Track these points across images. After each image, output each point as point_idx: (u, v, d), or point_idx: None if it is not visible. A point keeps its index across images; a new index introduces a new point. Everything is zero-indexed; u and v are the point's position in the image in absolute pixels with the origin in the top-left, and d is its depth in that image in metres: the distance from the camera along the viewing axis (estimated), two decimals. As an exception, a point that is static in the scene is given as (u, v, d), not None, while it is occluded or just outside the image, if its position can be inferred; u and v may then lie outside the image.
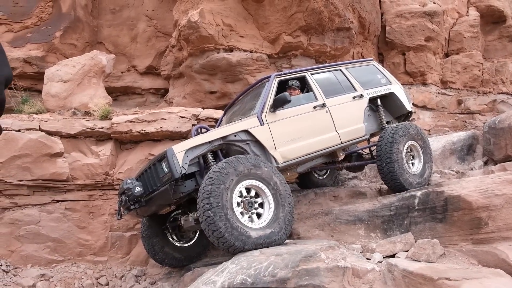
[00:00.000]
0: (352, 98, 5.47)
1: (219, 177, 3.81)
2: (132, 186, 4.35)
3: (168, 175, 4.12)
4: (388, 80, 6.00)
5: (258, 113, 4.65)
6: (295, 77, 5.38)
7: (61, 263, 5.72)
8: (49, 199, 5.82)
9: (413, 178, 5.26)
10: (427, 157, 5.63)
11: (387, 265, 3.73)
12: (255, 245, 3.87)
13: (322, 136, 5.00)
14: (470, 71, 11.22)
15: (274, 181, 4.16)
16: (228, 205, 3.81)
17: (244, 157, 4.10)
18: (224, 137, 4.44)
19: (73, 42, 8.96)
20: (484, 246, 3.91)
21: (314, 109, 5.05)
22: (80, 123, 6.16)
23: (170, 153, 4.11)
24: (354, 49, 9.46)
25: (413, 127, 5.55)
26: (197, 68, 7.98)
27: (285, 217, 4.14)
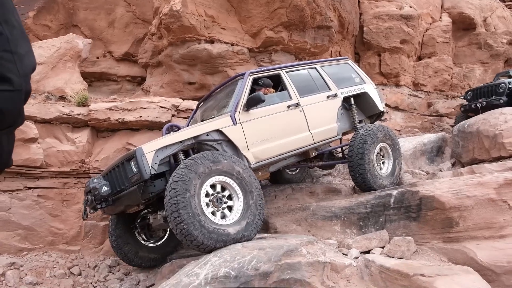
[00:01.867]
0: (326, 98, 5.46)
1: (182, 186, 3.69)
2: (98, 185, 4.21)
3: (137, 175, 3.99)
4: (362, 79, 6.04)
5: (232, 112, 4.56)
6: (270, 74, 5.27)
7: (31, 252, 5.56)
8: (21, 186, 5.64)
9: (382, 179, 5.36)
10: (396, 156, 5.73)
11: (364, 261, 3.87)
12: (235, 240, 3.90)
13: (295, 136, 4.98)
14: (441, 75, 11.64)
15: (237, 171, 4.08)
16: (199, 211, 3.73)
17: (201, 156, 3.95)
18: (196, 136, 4.35)
19: (47, 23, 8.65)
20: (454, 244, 4.11)
21: (288, 109, 5.01)
22: (56, 108, 5.98)
23: (140, 153, 3.97)
24: (333, 48, 9.61)
25: (384, 129, 5.62)
26: (177, 58, 7.90)
27: (256, 203, 4.14)
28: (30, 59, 0.90)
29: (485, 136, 6.42)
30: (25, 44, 0.88)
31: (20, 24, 0.87)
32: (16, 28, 0.85)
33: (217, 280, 3.35)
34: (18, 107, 0.87)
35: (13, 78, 0.82)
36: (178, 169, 3.82)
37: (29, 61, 0.89)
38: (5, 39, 0.80)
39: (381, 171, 5.51)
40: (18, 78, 0.83)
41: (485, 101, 8.84)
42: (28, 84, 0.89)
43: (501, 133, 6.19)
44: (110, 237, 5.07)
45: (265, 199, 5.93)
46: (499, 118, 6.48)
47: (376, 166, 5.39)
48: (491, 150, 6.29)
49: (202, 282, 3.37)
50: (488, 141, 6.35)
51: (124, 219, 5.07)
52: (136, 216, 5.16)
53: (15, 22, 0.85)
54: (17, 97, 0.84)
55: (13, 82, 0.82)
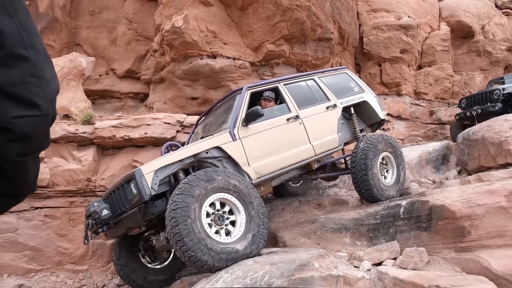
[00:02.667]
0: (326, 108, 5.40)
1: (181, 213, 3.60)
2: (99, 209, 4.16)
3: (137, 197, 3.93)
4: (361, 88, 5.98)
5: (230, 128, 4.51)
6: (268, 88, 5.23)
7: (39, 273, 5.53)
8: (28, 206, 5.63)
9: (387, 189, 5.29)
10: (399, 163, 5.66)
11: (377, 273, 3.84)
12: (245, 256, 3.86)
13: (296, 149, 4.92)
14: (442, 83, 11.68)
15: (233, 184, 4.01)
16: (203, 235, 3.66)
17: (195, 178, 3.84)
18: (196, 154, 4.28)
19: (50, 43, 8.71)
20: (467, 254, 4.08)
21: (287, 122, 4.95)
22: (62, 127, 6.00)
23: (139, 174, 3.91)
24: (334, 59, 9.66)
25: (384, 138, 5.56)
26: (180, 73, 7.93)
27: (258, 212, 4.09)
28: (55, 83, 0.90)
29: (491, 143, 6.40)
30: (50, 68, 0.88)
31: (44, 48, 0.88)
32: (41, 52, 0.85)
33: (230, 297, 3.32)
34: (45, 131, 0.87)
35: (40, 103, 0.82)
36: (174, 195, 3.72)
37: (54, 85, 0.90)
38: (32, 64, 0.81)
39: (385, 180, 5.47)
40: (45, 103, 0.83)
41: (480, 108, 8.75)
42: (54, 108, 0.89)
43: (507, 139, 6.18)
44: (115, 266, 4.95)
45: (273, 213, 5.91)
46: (504, 124, 6.48)
47: (380, 176, 5.34)
48: (497, 157, 6.27)
49: (215, 299, 3.34)
50: (494, 148, 6.34)
51: (127, 244, 4.97)
52: (139, 238, 5.06)
53: (39, 47, 0.86)
54: (44, 121, 0.84)
55: (40, 107, 0.82)
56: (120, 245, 4.94)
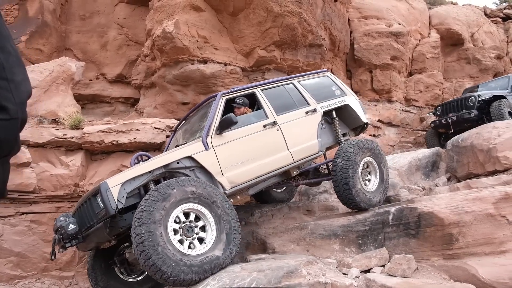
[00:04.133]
0: (305, 113, 5.24)
1: (150, 244, 3.43)
2: (65, 224, 4.02)
3: (103, 211, 3.80)
4: (343, 92, 5.81)
5: (203, 136, 4.38)
6: (244, 94, 5.06)
7: (24, 279, 5.44)
8: (14, 211, 5.55)
9: (369, 195, 5.11)
10: (383, 170, 5.46)
11: (365, 280, 3.81)
12: (228, 259, 3.82)
13: (273, 157, 4.77)
14: (432, 90, 11.79)
15: (190, 191, 3.82)
16: (179, 256, 3.52)
17: (149, 201, 3.60)
18: (166, 165, 4.13)
19: (40, 47, 8.64)
20: (455, 261, 4.07)
21: (264, 128, 4.80)
22: (49, 132, 5.94)
23: (104, 187, 3.77)
24: (325, 65, 9.70)
25: (367, 143, 5.37)
26: (170, 78, 7.91)
27: (224, 209, 3.95)
28: (26, 86, 0.87)
29: (479, 150, 6.44)
30: (21, 71, 0.86)
31: (16, 51, 0.85)
32: (12, 55, 0.82)
33: (217, 305, 3.28)
34: (14, 135, 0.84)
35: (9, 107, 0.79)
36: (135, 227, 3.49)
37: (25, 88, 0.87)
38: (1, 66, 0.78)
39: (367, 186, 5.26)
40: (14, 106, 0.80)
41: (456, 115, 8.75)
42: (24, 112, 0.85)
43: (495, 147, 6.22)
44: (90, 280, 4.75)
45: (262, 219, 5.87)
46: (492, 132, 6.52)
47: (362, 182, 5.16)
48: (486, 164, 6.31)
49: (202, 307, 3.30)
50: (483, 155, 6.38)
51: (102, 257, 4.78)
52: (114, 250, 4.84)
53: (11, 49, 0.83)
54: (13, 125, 0.81)
55: (9, 111, 0.79)
56: (95, 258, 4.76)
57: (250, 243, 5.45)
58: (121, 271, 4.85)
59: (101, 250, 4.74)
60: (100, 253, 4.76)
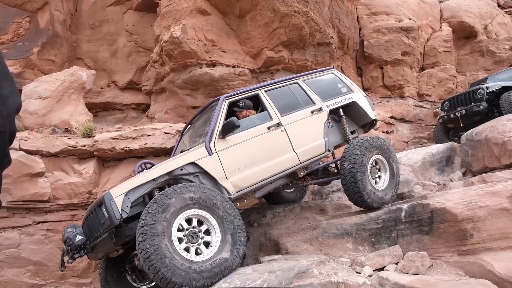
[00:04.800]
0: (311, 113, 5.16)
1: (157, 257, 3.42)
2: (72, 235, 4.04)
3: (107, 221, 3.81)
4: (349, 89, 5.72)
5: (206, 141, 4.35)
6: (248, 96, 4.99)
7: (43, 287, 5.53)
8: (30, 221, 5.65)
9: (379, 193, 5.02)
10: (393, 167, 5.35)
11: (378, 279, 3.77)
12: (237, 259, 3.82)
13: (278, 159, 4.70)
14: (445, 84, 11.59)
15: (189, 197, 3.78)
16: (187, 264, 3.53)
17: (150, 214, 3.56)
18: (170, 172, 4.13)
19: (51, 58, 8.81)
20: (470, 257, 4.00)
21: (268, 130, 4.74)
22: (62, 141, 6.04)
23: (108, 198, 3.80)
24: (334, 63, 9.64)
25: (377, 141, 5.26)
26: (180, 83, 7.97)
27: (225, 210, 3.91)
28: (14, 99, 0.87)
29: (494, 143, 6.30)
30: (9, 85, 0.86)
31: (3, 65, 0.85)
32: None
33: (228, 307, 3.29)
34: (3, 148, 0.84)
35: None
36: (139, 243, 3.48)
37: (13, 102, 0.87)
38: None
39: (377, 185, 5.17)
40: (1, 120, 0.80)
41: (464, 109, 8.52)
42: (13, 124, 0.86)
43: (510, 139, 6.07)
44: (100, 278, 4.80)
45: (275, 220, 5.86)
46: (507, 124, 6.37)
47: (372, 180, 5.08)
48: (501, 157, 6.17)
49: (213, 310, 3.31)
50: (498, 148, 6.24)
51: (113, 264, 4.79)
52: (125, 258, 4.83)
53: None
54: (1, 139, 0.81)
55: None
56: (106, 269, 4.78)
57: (264, 244, 5.45)
58: (133, 279, 4.87)
59: (111, 260, 4.76)
60: (110, 263, 4.78)
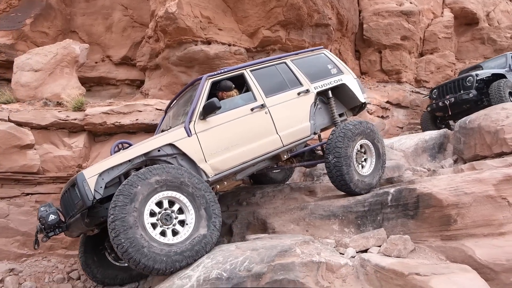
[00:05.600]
0: (297, 95, 5.03)
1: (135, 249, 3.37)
2: (45, 214, 4.01)
3: (80, 202, 3.78)
4: (339, 70, 5.56)
5: (186, 122, 4.24)
6: (232, 75, 4.83)
7: (31, 257, 5.59)
8: (19, 192, 5.67)
9: (363, 179, 5.00)
10: (379, 153, 5.31)
11: (360, 260, 3.81)
12: (215, 234, 3.84)
13: (260, 141, 4.59)
14: (443, 71, 11.51)
15: (156, 181, 3.67)
16: (167, 249, 3.52)
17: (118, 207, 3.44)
18: (147, 153, 4.04)
19: (45, 30, 8.67)
20: (452, 242, 4.03)
21: (252, 112, 4.61)
22: (52, 114, 6.00)
23: (81, 178, 3.73)
24: (332, 46, 9.54)
25: (364, 125, 5.16)
26: (174, 60, 7.88)
27: (194, 186, 3.84)
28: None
29: (487, 132, 6.30)
30: None
31: None
32: None
33: (209, 282, 3.33)
34: None
35: None
36: (113, 237, 3.41)
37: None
38: None
39: (362, 169, 5.15)
40: None
41: (453, 97, 8.44)
42: None
43: (503, 128, 6.06)
44: (81, 265, 4.85)
45: (263, 199, 5.89)
46: (501, 113, 6.36)
47: (357, 165, 5.05)
48: (493, 146, 6.17)
49: (194, 284, 3.35)
50: (490, 137, 6.23)
51: (92, 242, 4.80)
52: (105, 235, 4.66)
53: None
54: None
55: None
56: (85, 243, 4.80)
57: (251, 223, 5.48)
58: (113, 257, 4.88)
59: (90, 238, 4.77)
60: (89, 242, 4.77)
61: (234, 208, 5.96)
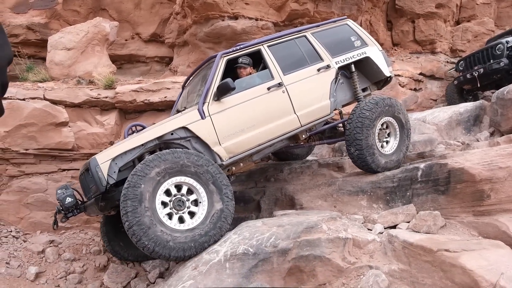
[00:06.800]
0: (317, 71, 4.77)
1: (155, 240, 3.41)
2: (62, 197, 4.05)
3: (93, 187, 3.82)
4: (364, 42, 5.26)
5: (200, 104, 4.11)
6: (248, 52, 4.61)
7: (69, 230, 5.87)
8: (56, 168, 5.92)
9: (385, 158, 4.85)
10: (404, 132, 5.10)
11: (387, 236, 3.78)
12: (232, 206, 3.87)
13: (277, 122, 4.42)
14: (481, 39, 10.91)
15: (162, 169, 3.61)
16: (184, 234, 3.56)
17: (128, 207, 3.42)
18: (160, 137, 3.98)
19: (76, 8, 8.82)
20: (485, 218, 3.93)
21: (268, 91, 4.42)
22: (85, 92, 6.16)
23: (94, 164, 3.72)
24: (362, 17, 9.22)
25: (388, 102, 4.93)
26: (202, 36, 7.87)
27: (194, 164, 3.76)
28: (5, 51, 0.87)
29: (526, 102, 6.00)
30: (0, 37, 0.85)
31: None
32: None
33: (236, 257, 3.40)
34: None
35: None
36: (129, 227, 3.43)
37: (4, 53, 0.87)
38: None
39: (384, 148, 4.96)
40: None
41: (482, 68, 7.91)
42: (4, 76, 0.86)
43: (544, 99, 5.77)
44: (104, 243, 4.98)
45: (291, 176, 5.90)
46: (542, 82, 6.03)
47: (378, 143, 4.85)
48: (533, 117, 5.89)
49: (222, 259, 3.43)
50: (529, 108, 5.95)
51: (113, 221, 4.88)
52: None
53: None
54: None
55: None
56: (106, 222, 4.92)
57: (279, 199, 5.53)
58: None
59: (109, 224, 4.88)
60: (110, 218, 4.84)
61: (262, 184, 6.01)
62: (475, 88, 8.56)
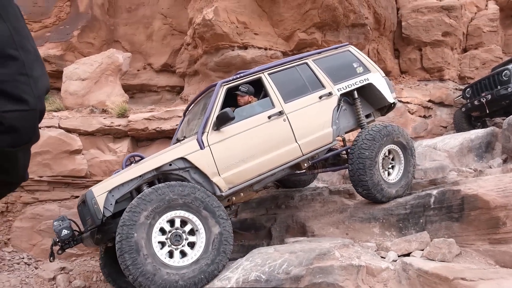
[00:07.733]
0: (319, 98, 4.70)
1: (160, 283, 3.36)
2: (58, 229, 3.94)
3: (89, 220, 3.75)
4: (366, 68, 5.19)
5: (199, 134, 4.04)
6: (249, 80, 4.55)
7: (80, 257, 5.87)
8: (69, 195, 5.98)
9: (389, 187, 4.75)
10: (409, 159, 5.01)
11: (401, 264, 3.73)
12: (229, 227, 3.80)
13: (278, 151, 4.34)
14: (489, 66, 10.98)
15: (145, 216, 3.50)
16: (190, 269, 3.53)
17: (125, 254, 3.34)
18: (158, 168, 3.88)
19: (90, 40, 9.10)
20: (502, 246, 3.86)
21: (269, 119, 4.34)
22: (98, 120, 6.29)
23: (90, 196, 3.65)
24: (370, 45, 9.38)
25: (392, 129, 4.85)
26: (212, 65, 8.04)
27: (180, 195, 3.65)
28: (43, 81, 0.95)
29: (538, 128, 5.99)
30: (40, 68, 0.94)
31: (36, 49, 0.94)
32: (31, 53, 0.92)
33: (248, 284, 3.37)
34: (33, 125, 0.93)
35: (28, 99, 0.88)
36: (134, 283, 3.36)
37: (43, 83, 0.95)
38: (21, 63, 0.87)
39: (389, 176, 4.87)
40: (33, 99, 0.89)
41: (490, 94, 7.94)
42: (42, 104, 0.95)
43: (555, 125, 5.75)
44: (103, 274, 4.84)
45: (302, 203, 5.88)
46: (553, 109, 6.02)
47: (383, 172, 4.77)
48: (545, 143, 5.86)
49: (234, 286, 3.40)
50: (541, 134, 5.92)
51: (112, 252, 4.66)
52: None
53: (30, 48, 0.92)
54: (32, 116, 0.90)
55: (28, 103, 0.88)
56: (106, 252, 4.77)
57: (290, 226, 5.49)
58: None
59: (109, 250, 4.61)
60: (109, 253, 4.66)
61: (273, 211, 5.99)
62: (483, 115, 8.58)
